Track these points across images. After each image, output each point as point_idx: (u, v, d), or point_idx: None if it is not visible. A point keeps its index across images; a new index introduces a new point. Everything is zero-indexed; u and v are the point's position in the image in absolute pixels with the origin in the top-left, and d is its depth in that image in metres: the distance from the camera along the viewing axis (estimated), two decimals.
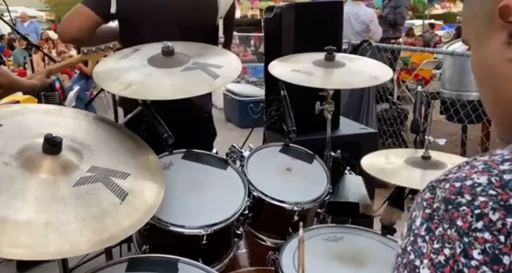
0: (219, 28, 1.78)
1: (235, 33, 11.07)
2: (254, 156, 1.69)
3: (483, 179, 0.42)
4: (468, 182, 0.42)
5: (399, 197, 1.42)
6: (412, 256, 0.43)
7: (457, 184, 0.43)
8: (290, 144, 1.76)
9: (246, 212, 1.43)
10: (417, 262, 0.42)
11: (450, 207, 0.42)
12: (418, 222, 0.44)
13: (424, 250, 0.42)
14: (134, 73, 1.37)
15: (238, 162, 1.70)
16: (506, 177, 0.41)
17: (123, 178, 1.09)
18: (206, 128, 1.97)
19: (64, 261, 1.16)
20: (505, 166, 0.42)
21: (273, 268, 1.37)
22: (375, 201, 2.24)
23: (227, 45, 1.86)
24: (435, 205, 0.43)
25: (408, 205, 1.45)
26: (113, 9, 1.70)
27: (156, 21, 1.74)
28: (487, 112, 0.57)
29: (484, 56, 0.53)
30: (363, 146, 2.59)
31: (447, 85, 4.19)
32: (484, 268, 0.38)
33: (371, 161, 1.52)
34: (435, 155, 1.49)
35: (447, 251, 0.40)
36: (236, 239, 1.46)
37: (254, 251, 1.73)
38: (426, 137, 1.48)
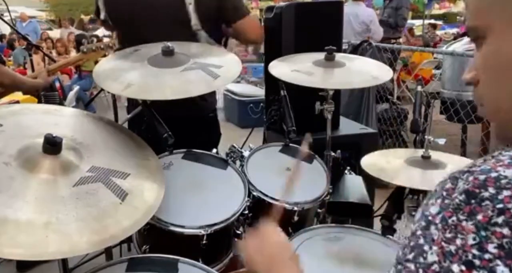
0: (191, 17, 1.74)
1: None
2: (254, 156, 1.69)
3: (508, 172, 0.41)
4: (493, 174, 0.41)
5: (399, 197, 1.42)
6: (421, 241, 0.43)
7: (482, 177, 0.42)
8: (290, 144, 1.76)
9: (246, 212, 1.43)
10: (426, 247, 0.43)
11: (472, 201, 0.41)
12: (433, 209, 0.44)
13: (435, 237, 0.42)
14: (134, 73, 1.37)
15: (238, 162, 1.71)
16: None
17: (123, 178, 1.09)
18: (212, 128, 1.98)
19: (64, 261, 1.16)
20: None
21: None
22: (375, 201, 2.24)
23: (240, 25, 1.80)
24: (454, 196, 0.43)
25: (408, 205, 1.45)
26: (102, 16, 1.80)
27: (147, 22, 1.76)
28: (492, 109, 0.54)
29: None
30: (363, 146, 2.59)
31: (447, 85, 4.19)
32: (498, 261, 0.38)
33: (371, 161, 1.52)
34: (435, 155, 1.49)
35: (458, 242, 0.40)
36: (236, 239, 1.46)
37: None
38: (426, 137, 1.48)
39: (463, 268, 0.39)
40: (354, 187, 1.68)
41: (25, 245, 0.87)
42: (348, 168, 1.84)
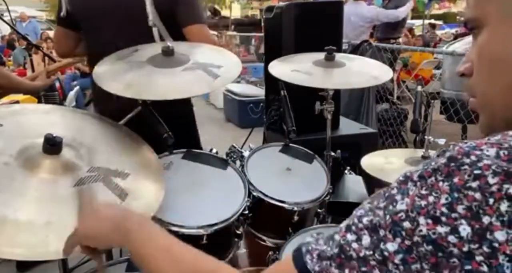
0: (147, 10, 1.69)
1: (235, 33, 11.11)
2: (254, 156, 1.69)
3: (492, 151, 0.43)
4: (477, 152, 0.43)
5: None
6: (395, 192, 0.46)
7: (467, 149, 0.44)
8: (290, 144, 1.76)
9: (246, 212, 1.43)
10: (398, 197, 0.45)
11: (452, 164, 0.43)
12: (414, 170, 0.46)
13: (410, 192, 0.45)
14: (133, 73, 1.37)
15: (238, 162, 1.71)
16: None
17: (123, 178, 1.09)
18: (187, 130, 1.96)
19: (64, 261, 1.16)
20: None
21: None
22: None
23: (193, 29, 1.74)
24: (440, 161, 0.45)
25: None
26: (62, 13, 1.79)
27: (102, 25, 1.77)
28: (482, 101, 0.55)
29: (510, 36, 0.49)
30: (363, 146, 2.59)
31: (447, 85, 4.19)
32: (463, 221, 0.41)
33: (371, 161, 1.52)
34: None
35: (431, 199, 0.43)
36: (236, 239, 1.46)
37: (254, 251, 1.73)
38: (426, 137, 1.49)
39: (429, 221, 0.42)
40: (354, 187, 1.69)
41: (25, 245, 0.87)
42: (348, 168, 1.84)
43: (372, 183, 1.95)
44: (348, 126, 2.91)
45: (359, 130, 2.92)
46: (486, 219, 0.40)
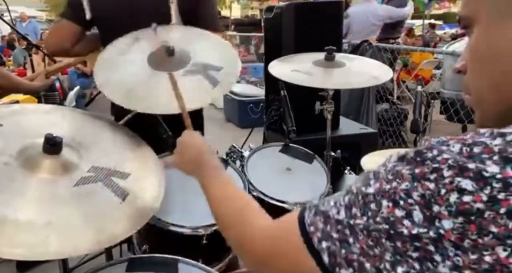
0: (172, 17, 1.72)
1: (235, 33, 11.11)
2: (254, 156, 1.69)
3: (456, 147, 0.47)
4: (443, 147, 0.48)
5: None
6: (371, 175, 0.53)
7: (434, 143, 0.49)
8: (290, 144, 1.77)
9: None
10: (372, 182, 0.52)
11: (418, 158, 0.48)
12: (391, 159, 0.52)
13: (380, 176, 0.51)
14: (134, 79, 1.33)
15: (238, 162, 1.71)
16: (476, 150, 0.45)
17: (123, 178, 1.09)
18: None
19: (64, 261, 1.16)
20: (481, 138, 0.46)
21: None
22: None
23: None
24: (408, 154, 0.50)
25: None
26: (88, 16, 1.75)
27: (129, 21, 1.74)
28: (475, 98, 0.57)
29: (498, 35, 0.51)
30: (363, 146, 2.59)
31: (447, 85, 4.19)
32: (416, 207, 0.46)
33: (371, 161, 1.52)
34: None
35: (394, 184, 0.49)
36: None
37: None
38: (426, 137, 1.48)
39: (390, 204, 0.48)
40: None
41: (25, 245, 0.87)
42: (348, 168, 1.85)
43: None
44: (348, 126, 2.91)
45: (359, 130, 2.92)
46: (436, 208, 0.45)
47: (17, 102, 2.51)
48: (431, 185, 0.45)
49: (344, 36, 5.08)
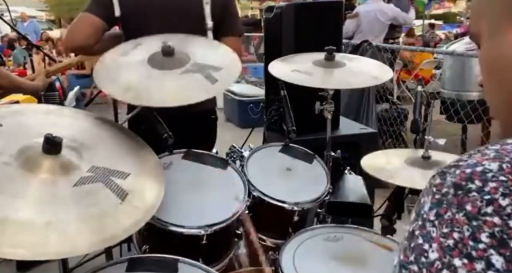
0: (205, 17, 1.77)
1: None
2: (254, 156, 1.69)
3: (494, 166, 0.42)
4: (479, 168, 0.42)
5: (399, 197, 1.42)
6: (420, 240, 0.43)
7: (468, 170, 0.43)
8: (290, 144, 1.76)
9: (246, 212, 1.43)
10: (426, 246, 0.42)
11: (460, 192, 0.42)
12: (427, 207, 0.44)
13: (434, 235, 0.42)
14: (133, 75, 1.35)
15: (238, 162, 1.71)
16: None
17: (123, 178, 1.09)
18: (211, 129, 1.98)
19: (64, 261, 1.16)
20: None
21: (273, 268, 1.37)
22: (375, 201, 2.24)
23: (229, 39, 1.83)
24: (444, 190, 0.43)
25: (408, 205, 1.45)
26: (117, 13, 1.72)
27: (161, 20, 1.74)
28: (493, 110, 0.57)
29: (498, 50, 0.52)
30: (363, 146, 2.59)
31: (447, 85, 4.19)
32: (491, 251, 0.38)
33: (371, 161, 1.52)
34: (435, 155, 1.49)
35: (455, 235, 0.40)
36: (236, 239, 1.46)
37: (254, 251, 1.73)
38: (426, 137, 1.48)
39: (465, 261, 0.39)
40: (354, 187, 1.69)
41: (26, 245, 0.87)
42: (348, 168, 1.84)
43: (372, 183, 1.95)
44: (348, 126, 2.91)
45: (359, 130, 2.92)
46: None
47: (17, 102, 2.50)
48: (495, 219, 0.39)
49: (352, 36, 5.10)
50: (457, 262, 0.40)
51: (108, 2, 1.72)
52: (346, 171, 1.82)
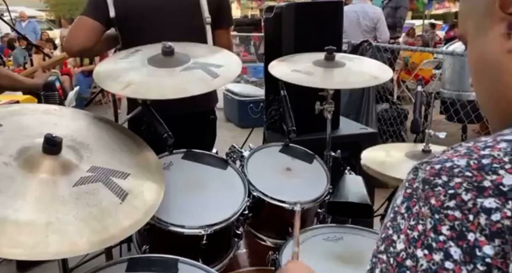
0: (202, 8, 1.79)
1: (235, 33, 11.11)
2: (254, 156, 1.69)
3: (462, 162, 0.43)
4: (448, 164, 0.44)
5: None
6: (390, 231, 0.46)
7: (437, 166, 0.44)
8: (290, 144, 1.77)
9: (246, 212, 1.43)
10: (395, 237, 0.45)
11: (427, 187, 0.44)
12: (399, 200, 0.46)
13: (402, 227, 0.45)
14: (133, 72, 1.37)
15: (238, 162, 1.71)
16: (485, 161, 0.42)
17: (123, 178, 1.09)
18: (209, 128, 1.99)
19: (64, 261, 1.16)
20: (486, 151, 0.43)
21: (273, 268, 1.37)
22: (375, 201, 2.24)
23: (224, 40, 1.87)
24: (415, 185, 0.45)
25: None
26: (112, 13, 1.73)
27: (158, 17, 1.75)
28: (481, 108, 0.59)
29: (482, 49, 0.54)
30: (363, 146, 2.58)
31: (447, 85, 4.20)
32: (450, 243, 0.40)
33: (371, 155, 1.52)
34: (435, 149, 1.49)
35: (420, 227, 0.43)
36: (236, 239, 1.46)
37: (254, 251, 1.73)
38: (427, 131, 1.49)
39: (426, 252, 0.42)
40: (354, 187, 1.68)
41: (25, 245, 0.87)
42: (348, 168, 1.84)
43: (372, 183, 1.95)
44: (348, 126, 2.91)
45: (359, 130, 2.92)
46: (471, 236, 0.40)
47: (17, 102, 2.50)
48: (456, 213, 0.41)
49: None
50: (419, 252, 0.42)
51: (103, 3, 1.73)
52: (346, 171, 1.82)
